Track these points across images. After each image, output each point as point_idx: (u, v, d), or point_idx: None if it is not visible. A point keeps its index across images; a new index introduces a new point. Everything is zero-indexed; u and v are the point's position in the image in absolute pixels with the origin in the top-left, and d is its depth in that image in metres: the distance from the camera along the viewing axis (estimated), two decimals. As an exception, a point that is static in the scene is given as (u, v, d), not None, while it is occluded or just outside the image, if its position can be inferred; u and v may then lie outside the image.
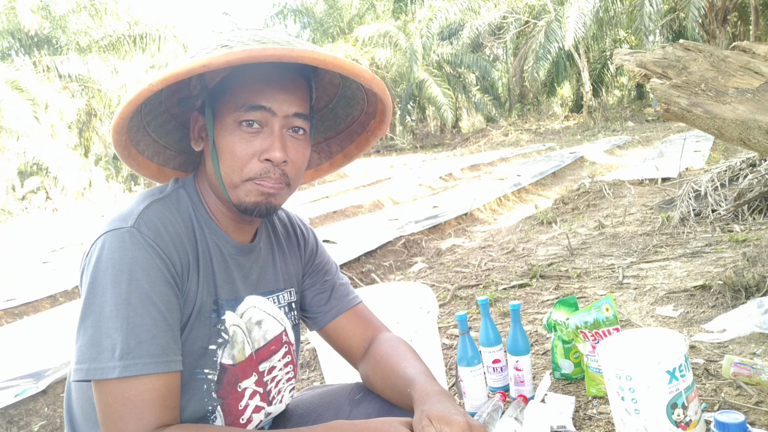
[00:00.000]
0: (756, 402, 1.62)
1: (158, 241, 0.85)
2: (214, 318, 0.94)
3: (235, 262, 0.99)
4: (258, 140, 0.89)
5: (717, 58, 2.16)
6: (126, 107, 0.82)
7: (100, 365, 0.78)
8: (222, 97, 0.91)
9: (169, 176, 1.06)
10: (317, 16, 19.88)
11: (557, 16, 15.77)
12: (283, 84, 0.90)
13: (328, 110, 1.10)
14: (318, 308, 1.14)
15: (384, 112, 1.02)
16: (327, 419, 1.08)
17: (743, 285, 2.40)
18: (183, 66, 0.77)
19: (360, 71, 0.86)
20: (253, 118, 0.88)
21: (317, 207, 7.51)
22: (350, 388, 1.14)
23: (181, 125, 1.02)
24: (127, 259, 0.82)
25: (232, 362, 0.96)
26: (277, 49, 0.78)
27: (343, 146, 1.13)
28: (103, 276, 0.81)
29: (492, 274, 3.57)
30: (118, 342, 0.79)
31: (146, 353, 0.80)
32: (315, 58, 0.80)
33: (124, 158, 0.95)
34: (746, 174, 4.07)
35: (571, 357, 1.97)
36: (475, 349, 1.84)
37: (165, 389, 0.82)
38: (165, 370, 0.82)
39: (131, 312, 0.80)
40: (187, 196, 0.96)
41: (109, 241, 0.84)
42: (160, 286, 0.84)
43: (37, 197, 13.88)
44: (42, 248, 7.32)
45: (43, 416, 2.43)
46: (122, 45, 15.68)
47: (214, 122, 0.91)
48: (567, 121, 18.57)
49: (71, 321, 3.72)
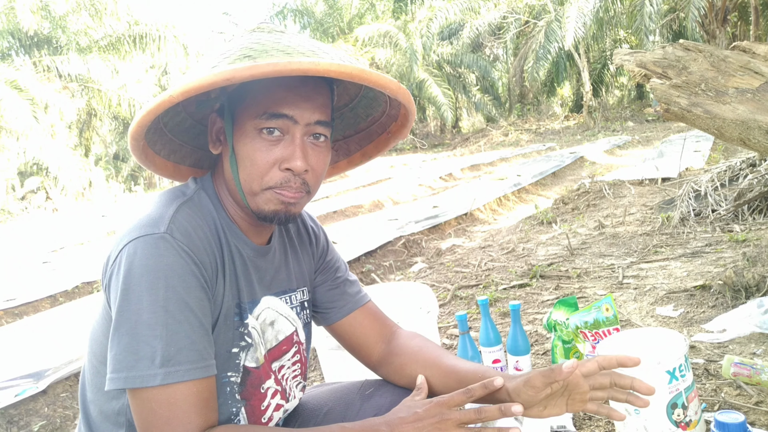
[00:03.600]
0: (756, 402, 1.62)
1: (191, 246, 0.84)
2: (237, 321, 0.94)
3: (254, 265, 0.98)
4: (279, 149, 0.87)
5: (717, 58, 2.16)
6: (145, 116, 0.81)
7: (139, 373, 0.78)
8: (242, 102, 0.88)
9: (184, 173, 1.05)
10: (317, 16, 19.88)
11: (557, 16, 15.77)
12: (305, 91, 0.88)
13: (348, 109, 1.08)
14: (330, 304, 1.13)
15: (407, 117, 1.00)
16: (337, 414, 1.09)
17: (743, 285, 2.40)
18: (205, 79, 0.76)
19: (386, 83, 0.84)
20: (274, 126, 0.86)
21: (317, 207, 7.51)
22: (360, 384, 1.14)
23: (197, 122, 1.01)
24: (162, 265, 0.81)
25: (256, 365, 0.96)
26: (302, 63, 0.76)
27: (361, 145, 1.12)
28: (138, 283, 0.80)
29: (492, 274, 3.56)
30: (158, 349, 0.78)
31: (186, 360, 0.80)
32: (342, 71, 0.78)
33: (141, 161, 0.95)
34: (746, 174, 4.07)
35: (571, 357, 1.97)
36: (475, 349, 1.84)
37: (207, 392, 0.82)
38: (204, 375, 0.82)
39: (170, 319, 0.80)
40: (208, 199, 0.95)
41: (141, 246, 0.82)
42: (196, 291, 0.83)
43: (37, 197, 13.89)
44: (42, 248, 7.31)
45: (43, 416, 2.43)
46: (122, 45, 15.67)
47: (233, 127, 0.89)
48: (567, 121, 18.57)
49: (71, 321, 3.73)
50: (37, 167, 13.82)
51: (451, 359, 1.04)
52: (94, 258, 5.95)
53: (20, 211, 13.27)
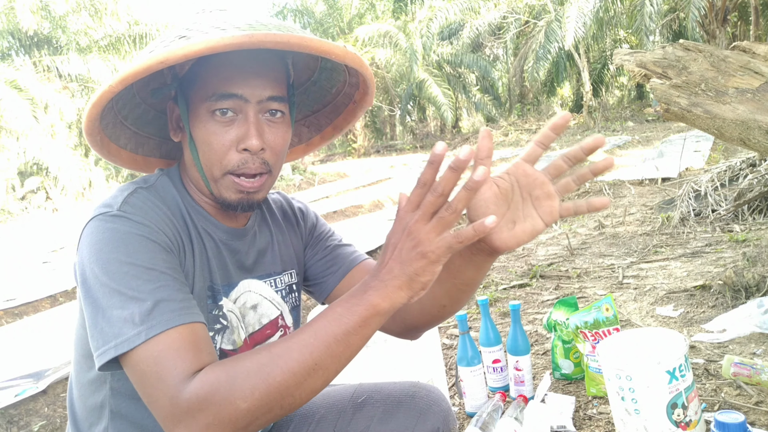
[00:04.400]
0: (756, 402, 1.62)
1: (148, 219, 0.82)
2: (211, 304, 0.92)
3: (228, 248, 0.97)
4: (233, 129, 0.85)
5: (717, 58, 2.16)
6: (91, 110, 0.80)
7: (123, 338, 0.74)
8: (194, 86, 0.87)
9: (155, 165, 1.04)
10: (317, 16, 19.88)
11: (557, 16, 15.77)
12: (254, 68, 0.85)
13: (311, 83, 1.07)
14: (326, 271, 1.10)
15: (366, 82, 0.98)
16: (329, 422, 1.08)
17: (743, 285, 2.40)
18: (140, 64, 0.74)
19: (329, 48, 0.80)
20: (225, 107, 0.84)
21: (317, 207, 7.51)
22: (353, 389, 1.13)
23: (161, 113, 0.99)
24: (119, 234, 0.79)
25: (233, 347, 0.94)
26: (236, 37, 0.73)
27: (331, 119, 1.11)
28: (99, 256, 0.77)
29: (492, 274, 3.57)
30: (135, 310, 0.75)
31: (166, 309, 0.75)
32: (277, 41, 0.75)
33: (103, 155, 0.93)
34: (746, 174, 4.07)
35: (571, 357, 1.97)
36: (475, 349, 1.84)
37: (194, 336, 0.76)
38: (189, 321, 0.77)
39: (138, 281, 0.76)
40: (172, 185, 0.93)
41: (95, 225, 0.80)
42: (161, 254, 0.80)
43: (37, 197, 13.88)
44: (42, 248, 7.31)
45: (43, 416, 2.43)
46: (122, 45, 15.66)
47: (189, 112, 0.88)
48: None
49: (71, 321, 3.72)
50: (37, 167, 13.81)
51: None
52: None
53: (20, 211, 13.26)
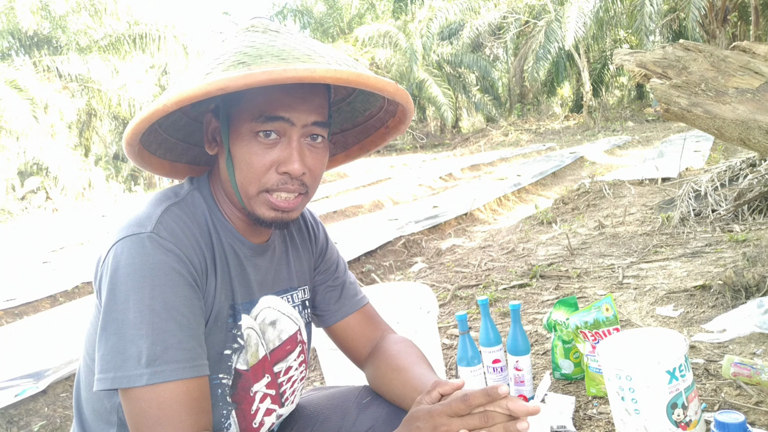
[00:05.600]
0: (756, 402, 1.62)
1: (178, 245, 0.84)
2: (231, 323, 0.93)
3: (251, 264, 0.97)
4: (275, 151, 0.86)
5: (717, 58, 2.16)
6: (139, 124, 0.80)
7: (126, 373, 0.77)
8: (238, 104, 0.87)
9: (181, 171, 1.05)
10: (317, 16, 19.88)
11: (557, 16, 15.78)
12: (301, 93, 0.86)
13: (345, 104, 1.08)
14: (327, 306, 1.14)
15: (405, 113, 1.00)
16: (334, 423, 1.08)
17: (743, 285, 2.40)
18: (199, 88, 0.75)
19: (383, 86, 0.82)
20: (270, 129, 0.85)
21: (317, 207, 7.51)
22: (358, 391, 1.13)
23: (192, 120, 1.00)
24: (148, 264, 0.80)
25: (246, 367, 0.95)
26: (298, 71, 0.75)
27: (359, 139, 1.11)
28: (124, 282, 0.79)
29: (492, 274, 3.57)
30: (144, 349, 0.77)
31: (173, 359, 0.78)
32: (338, 78, 0.77)
33: (137, 163, 0.94)
34: (746, 174, 4.07)
35: (571, 357, 1.97)
36: (475, 349, 1.84)
37: (198, 392, 0.81)
38: (193, 375, 0.80)
39: (155, 318, 0.78)
40: (202, 199, 0.94)
41: (127, 246, 0.81)
42: (184, 290, 0.82)
43: (37, 197, 13.88)
44: (42, 248, 7.31)
45: (43, 416, 2.43)
46: (122, 45, 15.67)
47: (229, 129, 0.88)
48: (567, 121, 18.57)
49: (71, 321, 3.73)
50: (37, 167, 13.82)
51: (418, 369, 1.00)
52: (94, 258, 5.95)
53: (20, 211, 13.26)
